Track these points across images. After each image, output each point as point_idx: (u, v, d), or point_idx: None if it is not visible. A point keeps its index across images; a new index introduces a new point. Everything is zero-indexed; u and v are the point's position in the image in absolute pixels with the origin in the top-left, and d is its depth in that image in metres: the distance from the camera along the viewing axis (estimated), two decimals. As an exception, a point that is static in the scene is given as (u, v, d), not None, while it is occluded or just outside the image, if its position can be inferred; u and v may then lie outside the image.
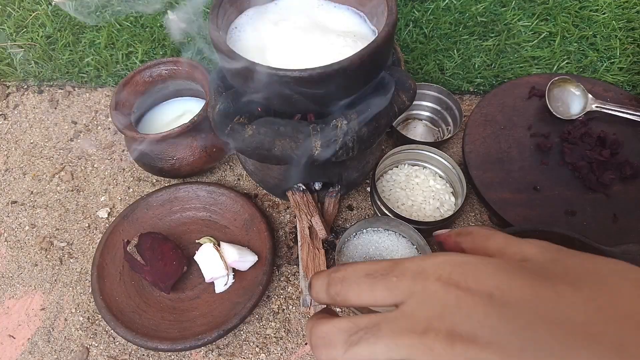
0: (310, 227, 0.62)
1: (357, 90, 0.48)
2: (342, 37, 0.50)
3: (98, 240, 0.66)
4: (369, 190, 0.71)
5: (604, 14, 0.92)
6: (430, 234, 0.56)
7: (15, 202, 0.74)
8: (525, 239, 0.26)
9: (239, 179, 0.75)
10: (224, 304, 0.58)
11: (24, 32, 0.95)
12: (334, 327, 0.25)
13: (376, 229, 0.62)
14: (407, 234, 0.61)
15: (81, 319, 0.62)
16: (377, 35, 0.45)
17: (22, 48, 0.92)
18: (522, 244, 0.24)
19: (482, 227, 0.30)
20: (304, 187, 0.64)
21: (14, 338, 0.61)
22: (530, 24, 0.91)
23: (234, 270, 0.61)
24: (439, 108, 0.77)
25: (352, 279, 0.25)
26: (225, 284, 0.60)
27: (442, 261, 0.22)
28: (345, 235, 0.60)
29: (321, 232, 0.60)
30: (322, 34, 0.51)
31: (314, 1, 0.56)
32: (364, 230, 0.62)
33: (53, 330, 0.61)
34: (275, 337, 0.59)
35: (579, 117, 0.72)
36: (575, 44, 0.88)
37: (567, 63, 0.86)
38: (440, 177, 0.68)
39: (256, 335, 0.59)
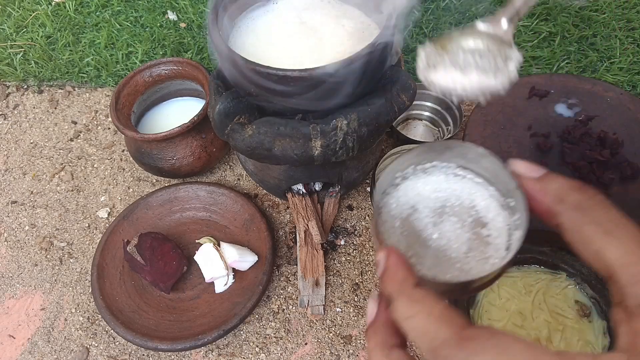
0: (307, 231, 0.62)
1: (358, 89, 0.48)
2: (348, 33, 0.50)
3: (98, 240, 0.66)
4: (369, 190, 0.71)
5: (604, 14, 0.92)
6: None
7: (15, 202, 0.74)
8: None
9: (239, 179, 0.75)
10: (224, 304, 0.58)
11: (24, 32, 0.95)
12: None
13: (433, 165, 0.35)
14: (487, 171, 0.33)
15: (81, 319, 0.62)
16: (377, 35, 0.45)
17: (22, 48, 0.92)
18: None
19: (595, 198, 0.22)
20: (304, 191, 0.64)
21: (14, 338, 0.61)
22: (530, 24, 0.91)
23: (234, 270, 0.61)
24: (439, 108, 0.77)
25: None
26: (225, 284, 0.60)
27: None
28: (383, 180, 0.34)
29: (316, 237, 0.60)
30: (324, 32, 0.51)
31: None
32: (414, 171, 0.36)
33: (53, 330, 0.61)
34: (275, 337, 0.59)
35: (580, 116, 0.72)
36: (575, 44, 0.88)
37: (567, 63, 0.86)
38: (440, 177, 0.68)
39: (256, 335, 0.59)
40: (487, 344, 0.18)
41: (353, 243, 0.66)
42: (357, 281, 0.63)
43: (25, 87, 0.90)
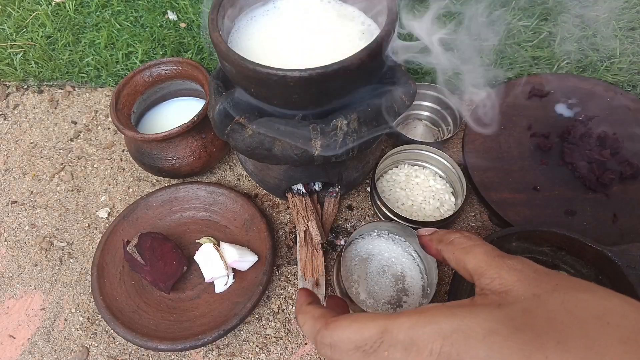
0: (307, 231, 0.62)
1: (358, 89, 0.48)
2: (348, 33, 0.50)
3: (98, 240, 0.66)
4: (369, 190, 0.71)
5: (604, 14, 0.92)
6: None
7: (15, 202, 0.74)
8: (504, 256, 0.28)
9: (239, 179, 0.75)
10: (224, 304, 0.58)
11: (24, 32, 0.95)
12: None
13: (380, 233, 0.63)
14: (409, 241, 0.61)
15: (81, 319, 0.62)
16: (377, 35, 0.45)
17: (22, 48, 0.92)
18: (501, 269, 0.27)
19: (463, 235, 0.33)
20: (304, 191, 0.64)
21: (14, 338, 0.61)
22: (530, 24, 0.91)
23: (234, 270, 0.61)
24: (439, 108, 0.77)
25: (342, 349, 0.26)
26: (225, 284, 0.60)
27: (432, 332, 0.23)
28: (363, 228, 0.60)
29: (316, 237, 0.60)
30: (324, 33, 0.51)
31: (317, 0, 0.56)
32: (369, 234, 0.62)
33: (53, 330, 0.61)
34: (275, 337, 0.59)
35: (580, 116, 0.72)
36: (575, 44, 0.88)
37: (567, 63, 0.86)
38: (440, 177, 0.68)
39: (256, 335, 0.59)
40: (344, 321, 0.27)
41: (353, 243, 0.66)
42: (357, 281, 0.63)
43: (25, 87, 0.90)
